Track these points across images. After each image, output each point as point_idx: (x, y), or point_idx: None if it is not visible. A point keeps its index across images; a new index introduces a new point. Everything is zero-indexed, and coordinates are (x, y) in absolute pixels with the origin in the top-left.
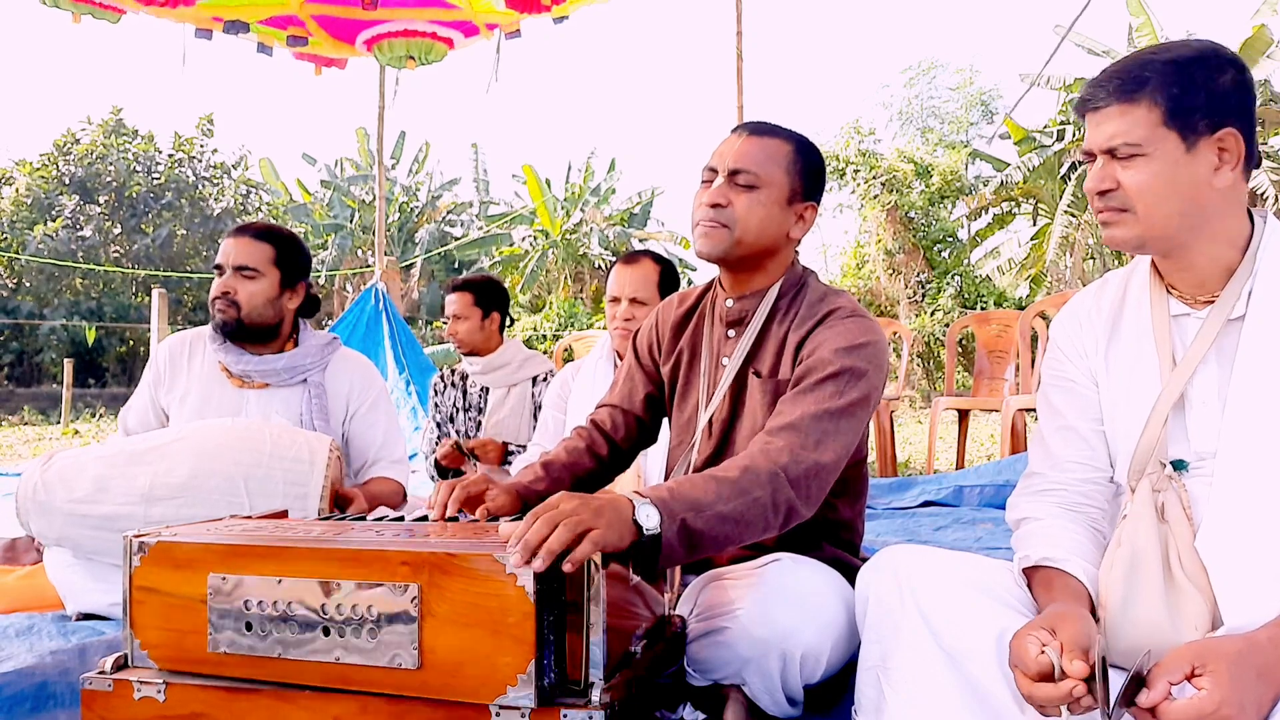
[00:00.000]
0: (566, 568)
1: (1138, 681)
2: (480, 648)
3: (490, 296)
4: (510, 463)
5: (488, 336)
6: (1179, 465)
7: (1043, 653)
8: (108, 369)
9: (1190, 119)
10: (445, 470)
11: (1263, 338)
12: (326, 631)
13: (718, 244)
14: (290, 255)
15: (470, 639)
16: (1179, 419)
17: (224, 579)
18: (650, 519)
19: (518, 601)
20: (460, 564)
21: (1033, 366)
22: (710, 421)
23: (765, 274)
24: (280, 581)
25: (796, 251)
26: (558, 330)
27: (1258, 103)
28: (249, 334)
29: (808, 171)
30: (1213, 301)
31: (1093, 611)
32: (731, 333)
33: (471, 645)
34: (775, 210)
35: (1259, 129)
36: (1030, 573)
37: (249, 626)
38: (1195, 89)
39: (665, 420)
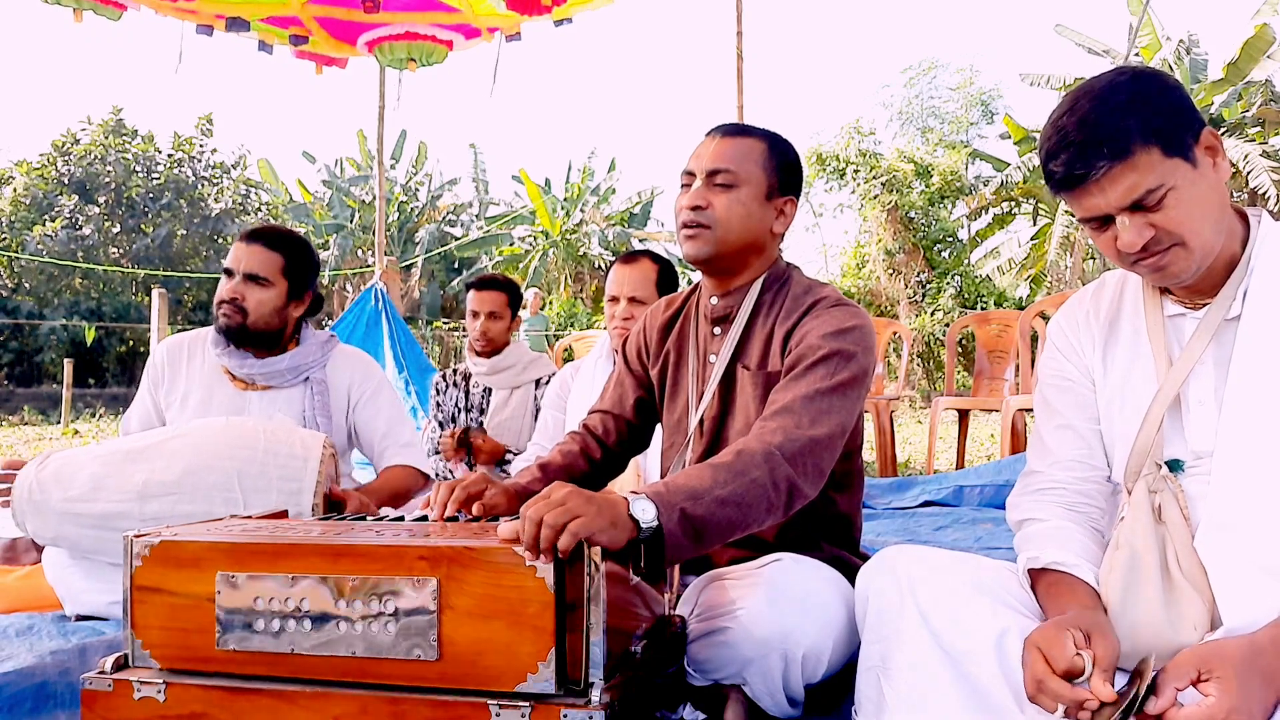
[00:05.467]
0: (561, 544)
1: (1143, 686)
2: (500, 638)
3: (517, 298)
4: (506, 472)
5: (508, 337)
6: (1175, 466)
7: (1079, 654)
8: (108, 369)
9: (1180, 140)
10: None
11: (1259, 337)
12: (342, 626)
13: (704, 246)
14: (301, 265)
15: (490, 630)
16: (1175, 419)
17: (233, 577)
18: (646, 512)
19: (537, 592)
20: (479, 557)
21: (1033, 366)
22: (702, 419)
23: (749, 270)
24: (294, 578)
25: (780, 248)
26: (558, 330)
27: (1258, 103)
28: (252, 339)
29: (783, 167)
30: (1209, 302)
31: None
32: (718, 329)
33: (491, 636)
34: (755, 207)
35: (1260, 129)
36: (1036, 574)
37: (261, 624)
38: (1166, 114)
39: (658, 424)
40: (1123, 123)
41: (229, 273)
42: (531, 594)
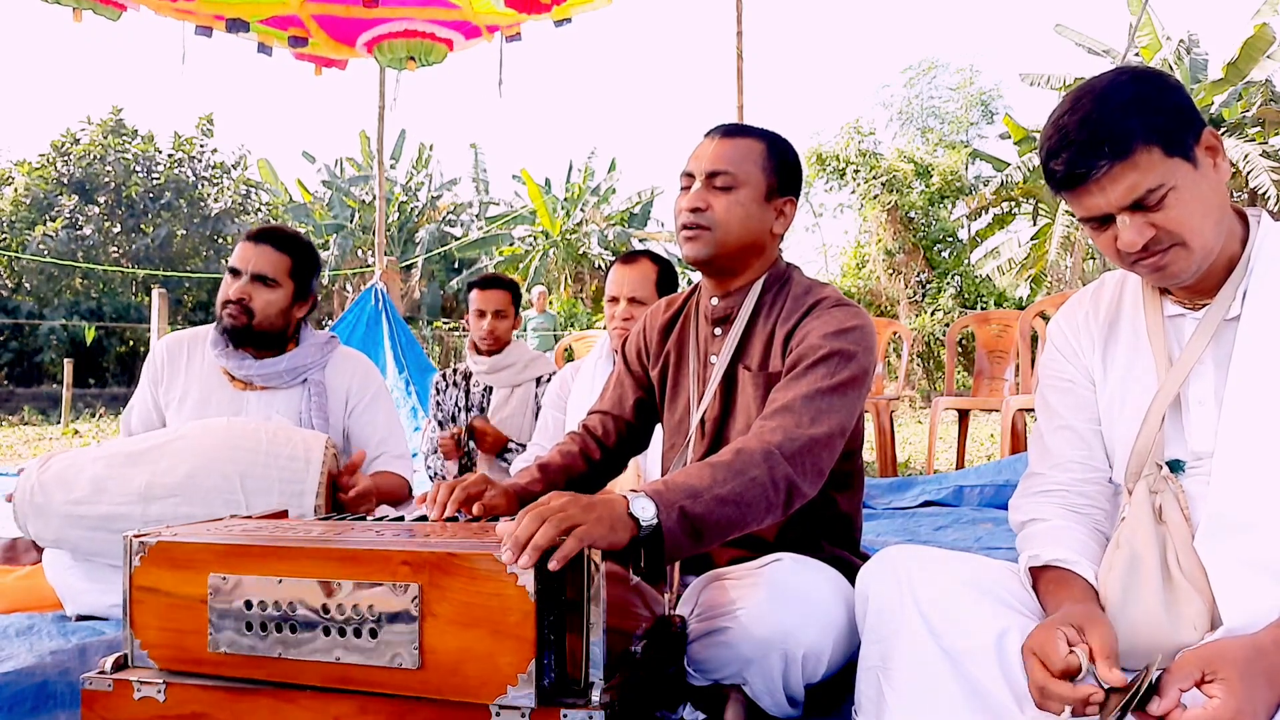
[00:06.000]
0: (552, 565)
1: (1147, 687)
2: (480, 647)
3: (518, 296)
4: (508, 460)
5: (510, 335)
6: (1175, 466)
7: (1072, 651)
8: (108, 369)
9: (1181, 139)
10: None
11: (1258, 337)
12: (327, 631)
13: (703, 247)
14: (306, 267)
15: (471, 639)
16: (1175, 420)
17: (224, 579)
18: (646, 511)
19: (518, 601)
20: (461, 563)
21: (1033, 366)
22: (703, 420)
23: (750, 271)
24: (280, 581)
25: (780, 248)
26: (559, 330)
27: (1258, 103)
28: (256, 340)
29: (783, 167)
30: (1208, 302)
31: None
32: (718, 330)
33: (472, 645)
34: (755, 208)
35: (1260, 129)
36: (1037, 572)
37: (249, 626)
38: (1167, 114)
39: (657, 424)
40: (1124, 122)
41: (235, 272)
42: (512, 603)
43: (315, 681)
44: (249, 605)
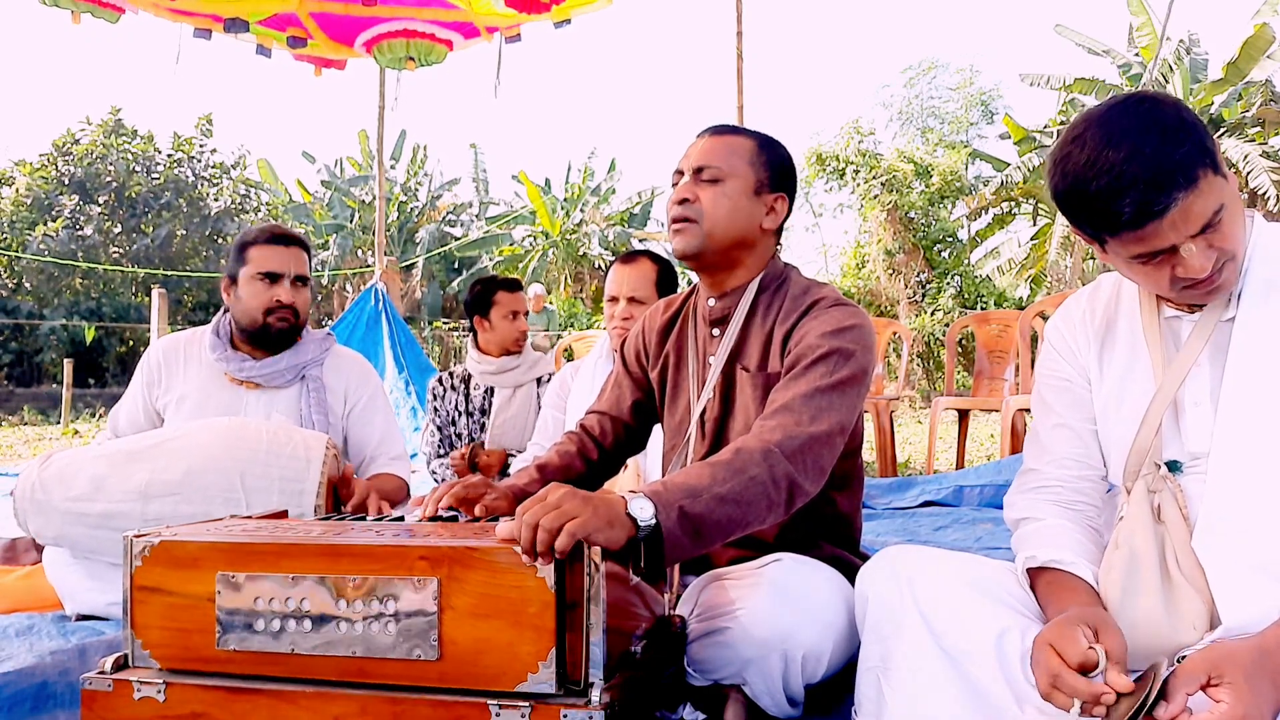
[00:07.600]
0: (559, 544)
1: (1153, 690)
2: (501, 638)
3: None
4: (510, 468)
5: None
6: (1173, 466)
7: (1091, 648)
8: (108, 369)
9: (1216, 155)
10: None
11: (1253, 338)
12: (343, 627)
13: (691, 239)
14: (310, 264)
15: (490, 630)
16: (1172, 420)
17: (233, 577)
18: (644, 511)
19: (538, 592)
20: (480, 557)
21: (1032, 366)
22: (702, 420)
23: (744, 269)
24: (294, 578)
25: (778, 247)
26: (559, 330)
27: (1258, 103)
28: (289, 340)
29: (773, 164)
30: (1204, 304)
31: None
32: (716, 331)
33: (492, 636)
34: (742, 201)
35: (1260, 129)
36: (1035, 573)
37: (261, 624)
38: (1202, 132)
39: (657, 425)
40: (1180, 150)
41: (273, 277)
42: (532, 594)
43: (330, 676)
44: (260, 603)
